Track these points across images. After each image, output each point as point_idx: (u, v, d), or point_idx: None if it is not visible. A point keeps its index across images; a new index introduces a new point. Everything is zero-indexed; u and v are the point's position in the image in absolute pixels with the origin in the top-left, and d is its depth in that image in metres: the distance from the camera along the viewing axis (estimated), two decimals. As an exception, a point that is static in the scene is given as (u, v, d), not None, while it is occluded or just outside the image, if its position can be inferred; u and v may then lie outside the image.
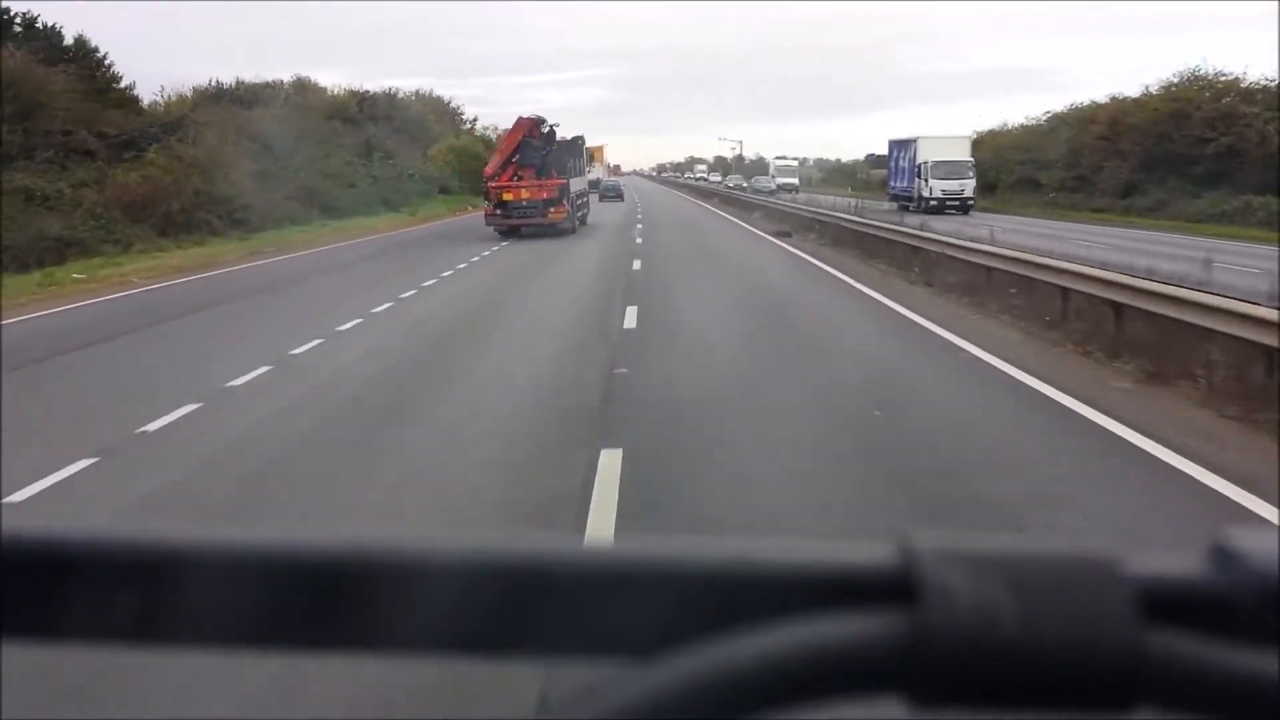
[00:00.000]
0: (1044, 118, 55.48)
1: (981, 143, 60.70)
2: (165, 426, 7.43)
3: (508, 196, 28.18)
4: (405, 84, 76.66)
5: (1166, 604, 0.36)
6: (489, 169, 29.89)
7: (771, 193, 57.35)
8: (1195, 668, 0.35)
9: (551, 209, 28.20)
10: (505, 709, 3.15)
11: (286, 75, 58.34)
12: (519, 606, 0.38)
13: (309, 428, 7.46)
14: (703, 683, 0.35)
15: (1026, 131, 56.65)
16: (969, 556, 0.37)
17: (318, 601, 0.38)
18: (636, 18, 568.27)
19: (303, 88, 57.83)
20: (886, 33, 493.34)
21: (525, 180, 28.49)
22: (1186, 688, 0.35)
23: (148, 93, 41.82)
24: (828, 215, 27.26)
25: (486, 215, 28.77)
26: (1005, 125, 60.92)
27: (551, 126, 30.46)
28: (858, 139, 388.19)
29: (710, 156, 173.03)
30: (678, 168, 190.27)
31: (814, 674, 0.35)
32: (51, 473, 6.18)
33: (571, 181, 29.98)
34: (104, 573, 0.39)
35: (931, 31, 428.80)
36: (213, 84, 50.68)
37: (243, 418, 7.74)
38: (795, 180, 72.58)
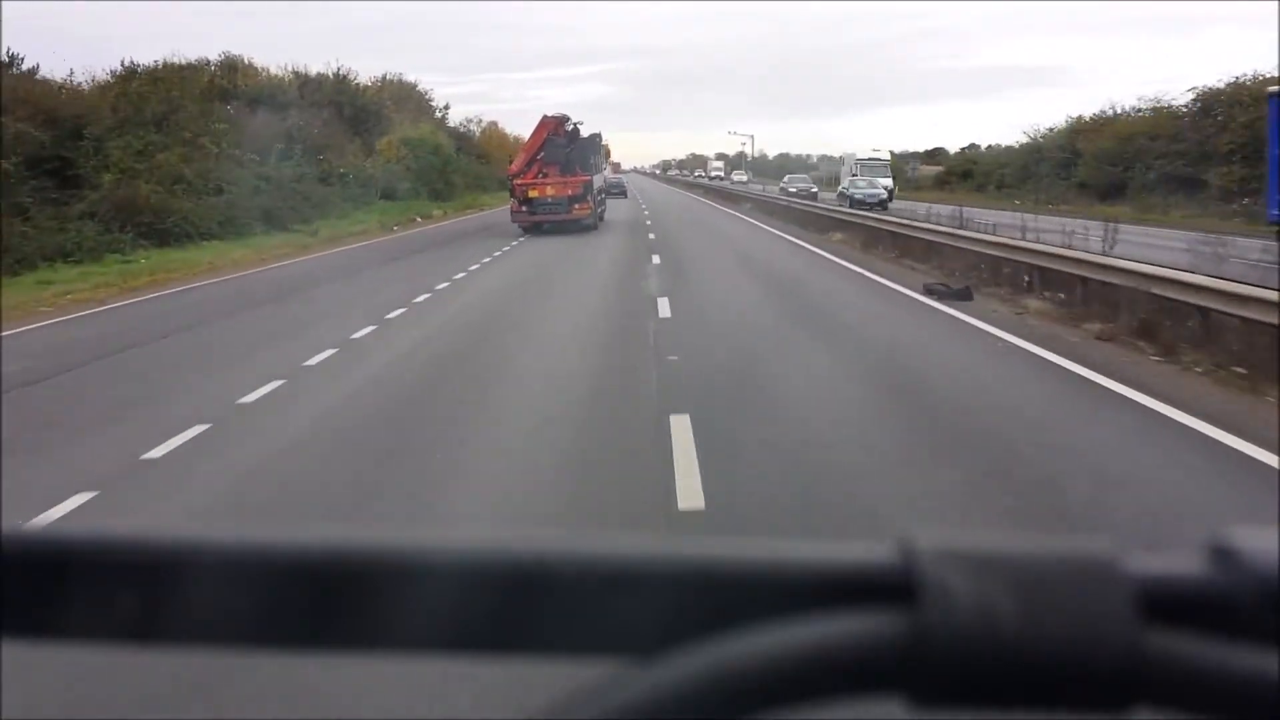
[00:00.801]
0: (1184, 96, 42.15)
1: (1080, 133, 47.42)
2: None
3: (534, 194, 28.39)
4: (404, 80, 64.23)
5: (1166, 604, 0.36)
6: (514, 167, 29.88)
7: (882, 204, 36.36)
8: (1195, 668, 0.35)
9: (576, 205, 28.22)
10: (505, 709, 3.08)
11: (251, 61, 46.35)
12: (519, 606, 0.38)
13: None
14: (703, 683, 0.35)
15: (1161, 116, 43.07)
16: (969, 556, 0.36)
17: (318, 601, 0.38)
18: (634, 18, 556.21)
19: (231, 68, 45.61)
20: (886, 33, 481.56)
21: (550, 177, 28.66)
22: (1186, 688, 0.35)
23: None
24: (1051, 253, 13.60)
25: (512, 212, 29.03)
26: (1114, 111, 47.45)
27: (575, 124, 30.28)
28: (858, 138, 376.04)
29: (713, 153, 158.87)
30: (682, 165, 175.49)
31: (814, 674, 0.35)
32: None
33: (594, 178, 29.88)
34: (104, 573, 0.38)
35: (931, 30, 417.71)
36: (127, 63, 38.68)
37: None
38: (890, 182, 47.76)
